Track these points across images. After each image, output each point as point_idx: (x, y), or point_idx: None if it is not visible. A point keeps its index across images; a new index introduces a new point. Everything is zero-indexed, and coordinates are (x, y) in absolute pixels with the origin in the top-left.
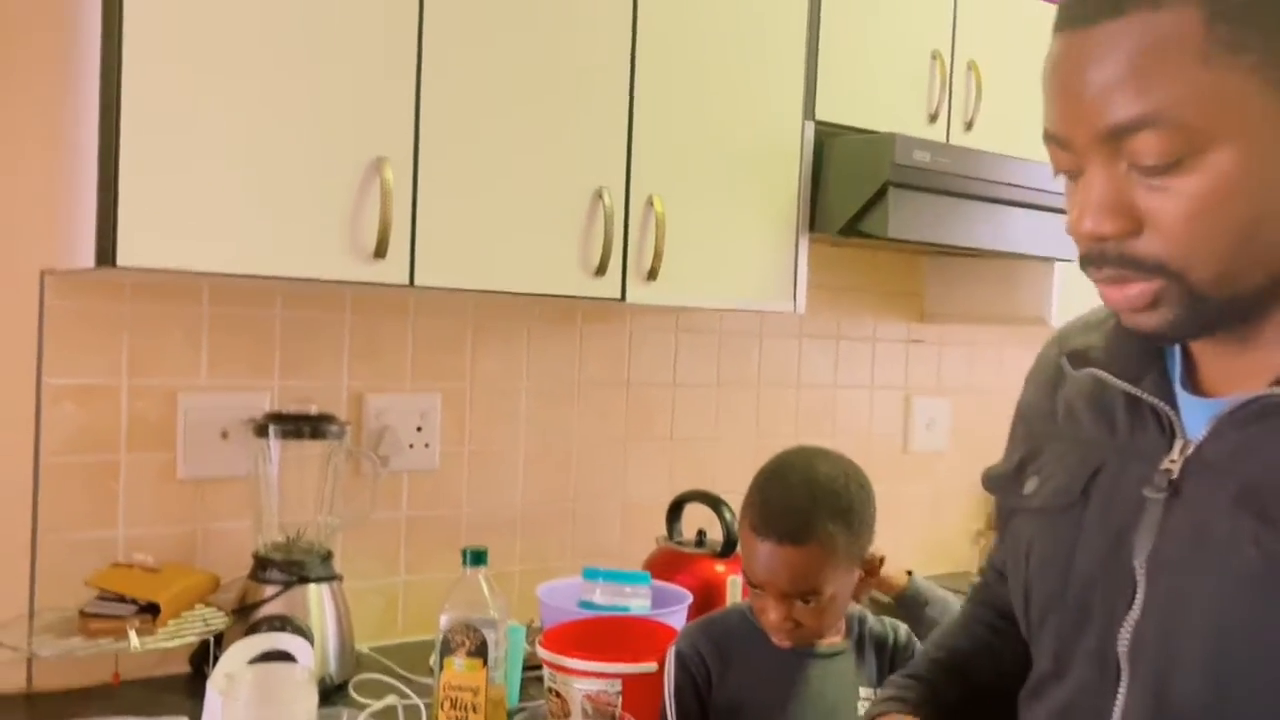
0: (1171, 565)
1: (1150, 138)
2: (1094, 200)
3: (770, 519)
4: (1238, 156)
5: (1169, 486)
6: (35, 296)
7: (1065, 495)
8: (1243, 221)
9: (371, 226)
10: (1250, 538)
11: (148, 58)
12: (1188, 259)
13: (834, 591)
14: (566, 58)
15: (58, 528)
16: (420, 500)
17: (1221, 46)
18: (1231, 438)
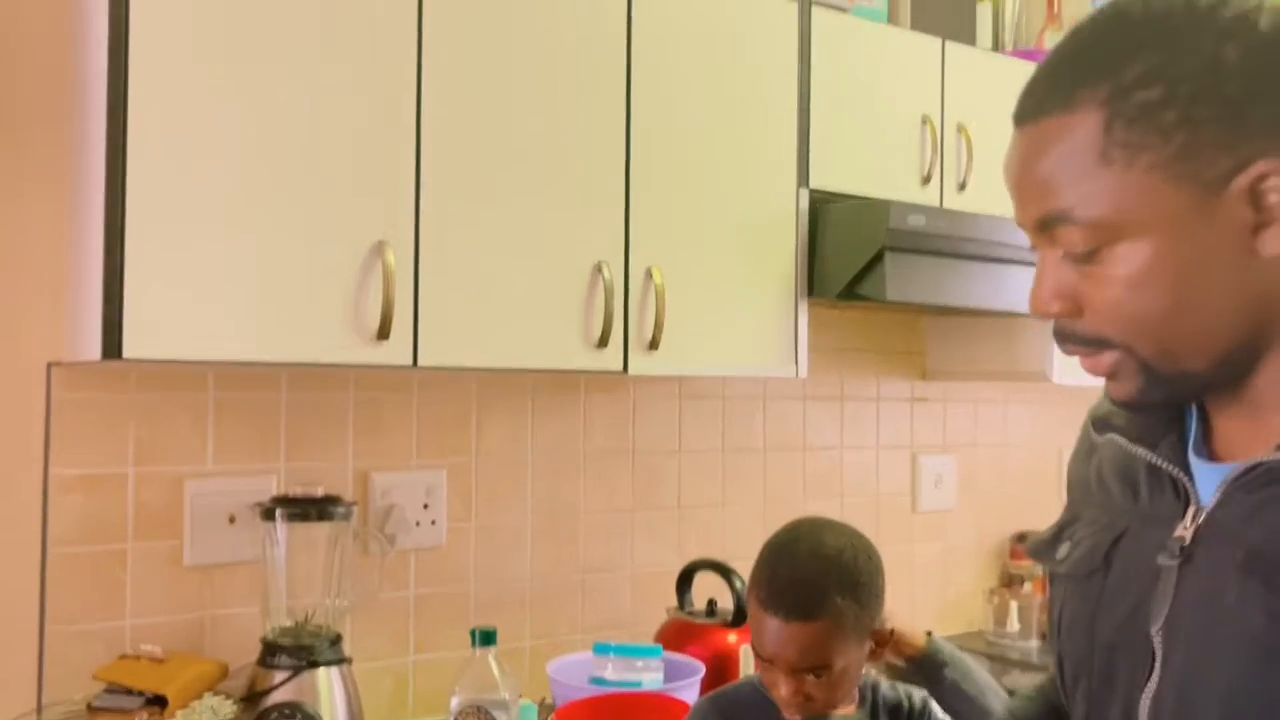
0: (1186, 633)
1: (1069, 230)
2: (1039, 283)
3: (778, 594)
4: (1151, 248)
5: (1181, 553)
6: (42, 389)
7: (1089, 562)
8: (1164, 307)
9: (374, 309)
10: (1258, 604)
11: (152, 150)
12: (1124, 337)
13: (845, 665)
14: (563, 136)
15: (65, 619)
16: (428, 578)
17: (1119, 149)
18: (1241, 503)
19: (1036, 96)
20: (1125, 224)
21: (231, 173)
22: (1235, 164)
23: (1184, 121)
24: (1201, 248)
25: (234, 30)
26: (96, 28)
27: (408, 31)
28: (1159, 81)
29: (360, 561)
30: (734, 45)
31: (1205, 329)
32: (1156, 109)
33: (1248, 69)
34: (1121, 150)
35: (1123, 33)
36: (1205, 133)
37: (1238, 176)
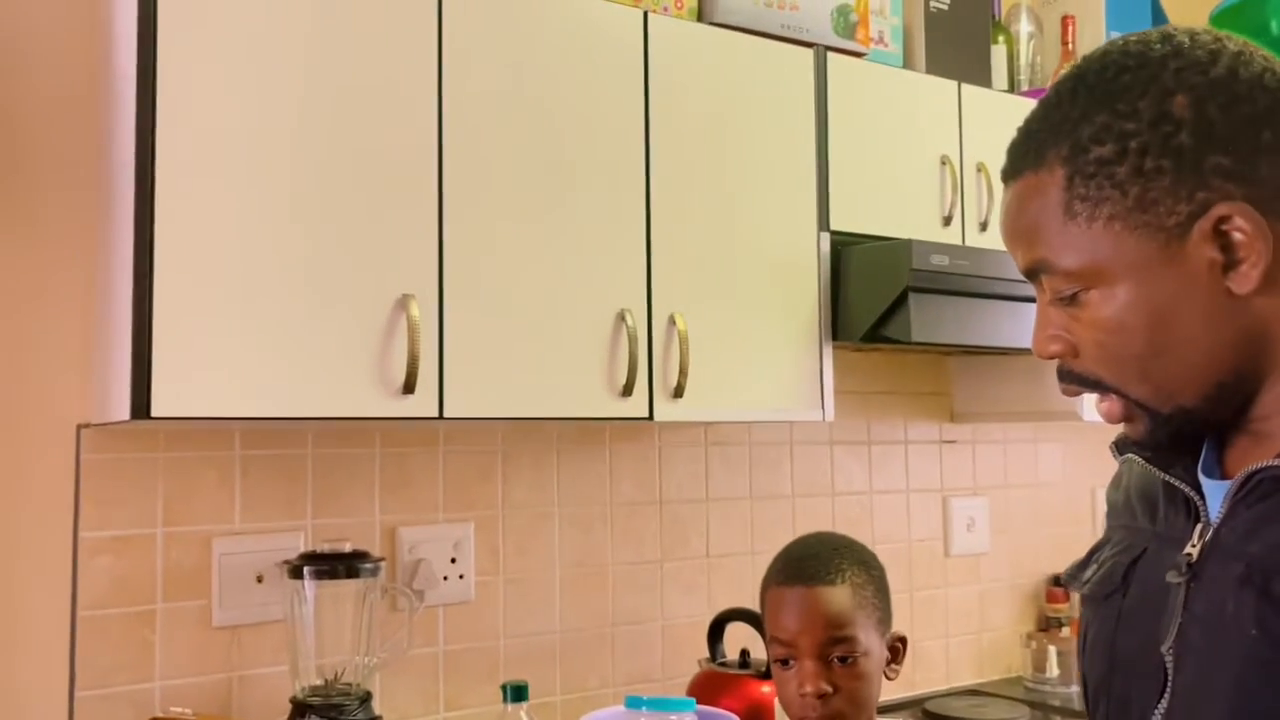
0: (1193, 650)
1: (1051, 278)
2: (1036, 325)
3: (795, 565)
4: (1123, 294)
5: (1189, 570)
6: (72, 451)
7: (1108, 583)
8: (1143, 348)
9: (399, 363)
10: (1253, 617)
11: (178, 211)
12: (1115, 378)
13: (866, 652)
14: (584, 187)
15: (94, 683)
16: (457, 633)
17: (1080, 202)
18: (1242, 518)
19: (1014, 157)
20: (1096, 272)
21: (257, 232)
22: (1194, 210)
23: (1137, 174)
24: (1171, 291)
25: (258, 94)
26: (124, 93)
27: (428, 87)
28: (1110, 138)
29: (389, 618)
30: (752, 92)
31: (1190, 366)
32: (1110, 164)
33: (1197, 118)
34: (1083, 204)
35: (1080, 94)
36: (1159, 183)
37: (1199, 221)
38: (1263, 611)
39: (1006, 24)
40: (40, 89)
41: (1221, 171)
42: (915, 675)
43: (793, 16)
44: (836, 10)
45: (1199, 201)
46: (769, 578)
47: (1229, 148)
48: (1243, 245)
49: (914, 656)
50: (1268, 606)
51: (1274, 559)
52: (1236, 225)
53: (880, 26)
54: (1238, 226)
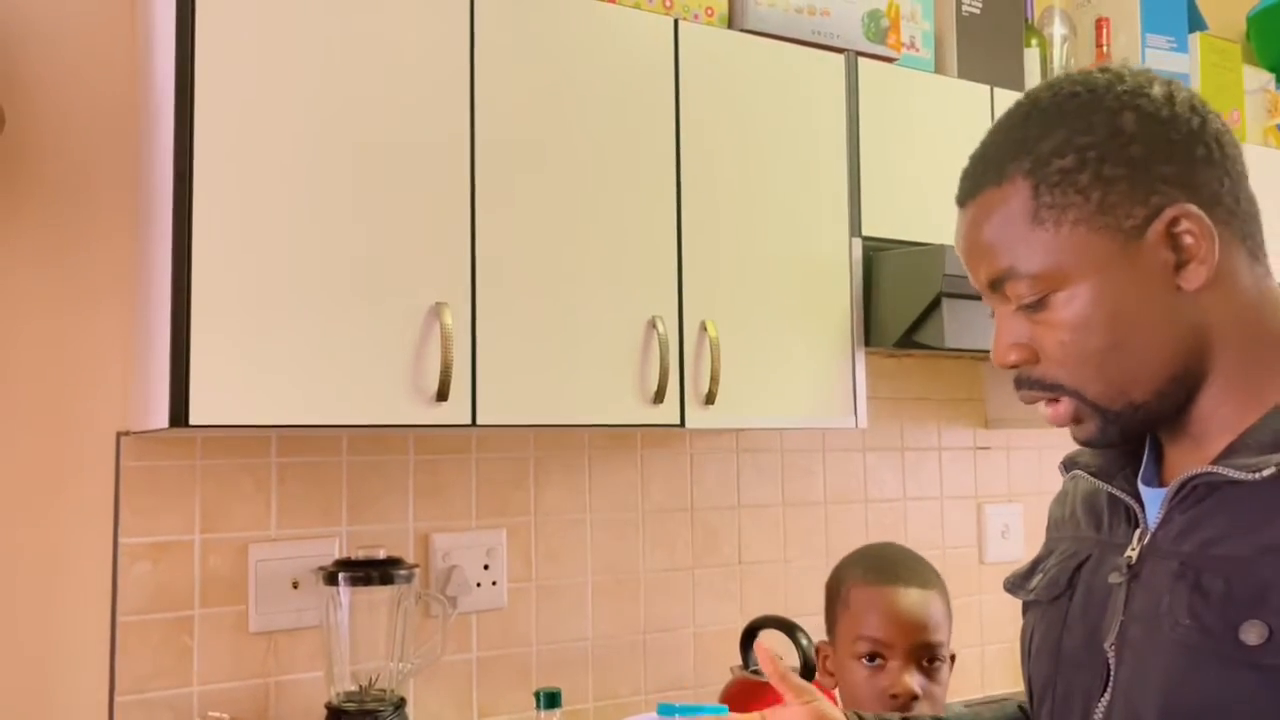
0: (1132, 645)
1: (1014, 285)
2: (997, 336)
3: (893, 568)
4: (1088, 291)
5: (1129, 571)
6: (112, 458)
7: (1055, 587)
8: (1105, 342)
9: (433, 370)
10: (1185, 609)
11: (216, 221)
12: (1075, 378)
13: (948, 659)
14: (614, 193)
15: (134, 688)
16: (490, 640)
17: (1047, 209)
18: (1177, 520)
19: (973, 178)
20: (1062, 273)
21: (292, 241)
22: (1149, 213)
23: (1097, 180)
24: (1131, 288)
25: (293, 105)
26: (163, 103)
27: (460, 97)
28: (1070, 150)
29: (422, 624)
30: (783, 98)
31: (1144, 361)
32: (1073, 173)
33: (1145, 131)
34: (1050, 211)
35: (1036, 116)
36: (1117, 189)
37: (1154, 223)
38: (1194, 602)
39: (1039, 27)
40: (79, 99)
41: (1168, 179)
42: (951, 683)
43: (823, 22)
44: (867, 16)
45: (1153, 205)
46: (854, 576)
47: (1172, 158)
48: (1192, 246)
49: None
50: (1199, 598)
51: (1204, 555)
52: (1186, 227)
53: (911, 31)
54: (1187, 228)
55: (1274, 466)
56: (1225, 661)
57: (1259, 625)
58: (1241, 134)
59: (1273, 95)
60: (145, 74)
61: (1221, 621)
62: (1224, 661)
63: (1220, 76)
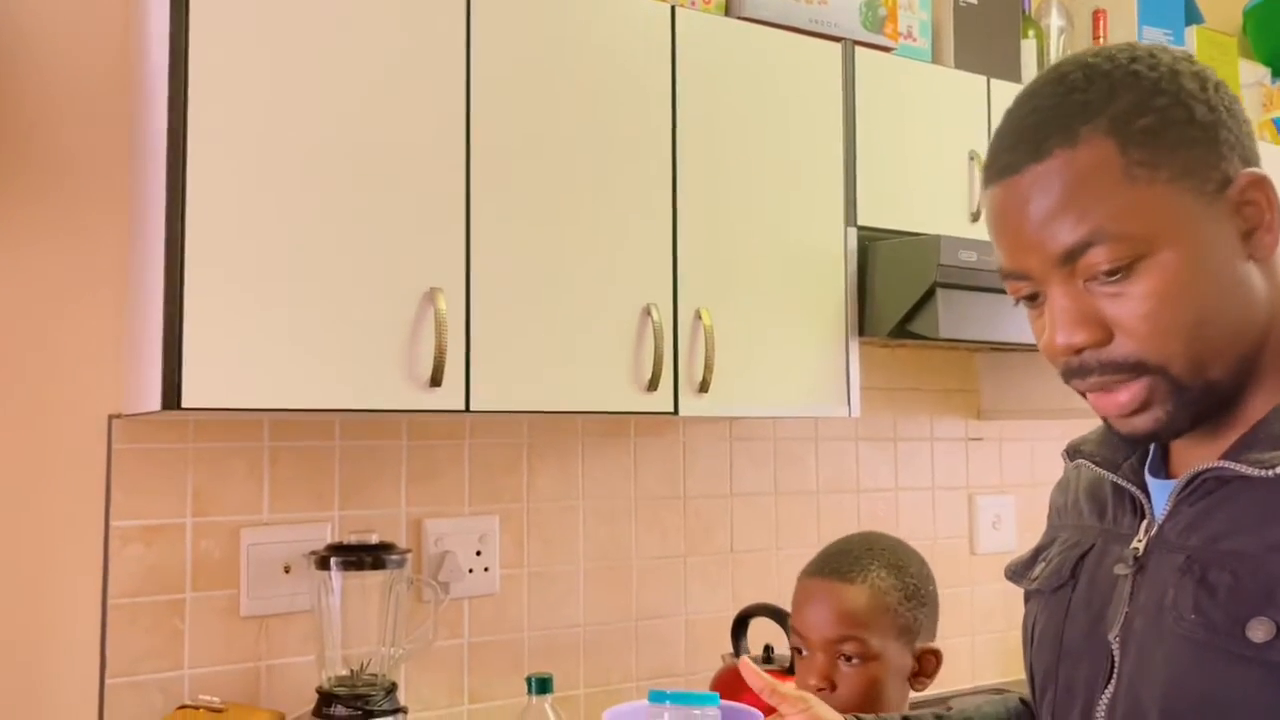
0: (1137, 638)
1: (1099, 251)
2: (1061, 317)
3: (823, 560)
4: (1177, 256)
5: (1135, 563)
6: (103, 441)
7: (1058, 576)
8: (1194, 312)
9: (427, 356)
10: (1190, 604)
11: (209, 203)
12: (1160, 353)
13: (880, 656)
14: (609, 180)
15: (125, 671)
16: (482, 626)
17: (1139, 167)
18: (1184, 514)
19: (1019, 149)
20: (1156, 235)
21: (286, 224)
22: (1222, 177)
23: (1181, 141)
24: (1213, 254)
25: (288, 87)
26: (156, 87)
27: (456, 83)
28: (1149, 111)
29: (414, 609)
30: (779, 86)
31: (1227, 334)
32: (1158, 131)
33: (1206, 98)
34: (1142, 168)
35: (1096, 80)
36: (1196, 151)
37: (1228, 189)
38: (1200, 597)
39: (1036, 18)
40: (72, 83)
41: (1230, 145)
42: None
43: (821, 11)
44: (865, 5)
45: (1223, 171)
46: (803, 569)
47: (1231, 125)
48: (1258, 213)
49: None
50: (1204, 592)
51: (1212, 550)
52: (1259, 193)
53: (909, 21)
54: (1259, 195)
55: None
56: (1230, 658)
57: (1266, 622)
58: None
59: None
60: (138, 55)
61: (1227, 617)
62: (1229, 658)
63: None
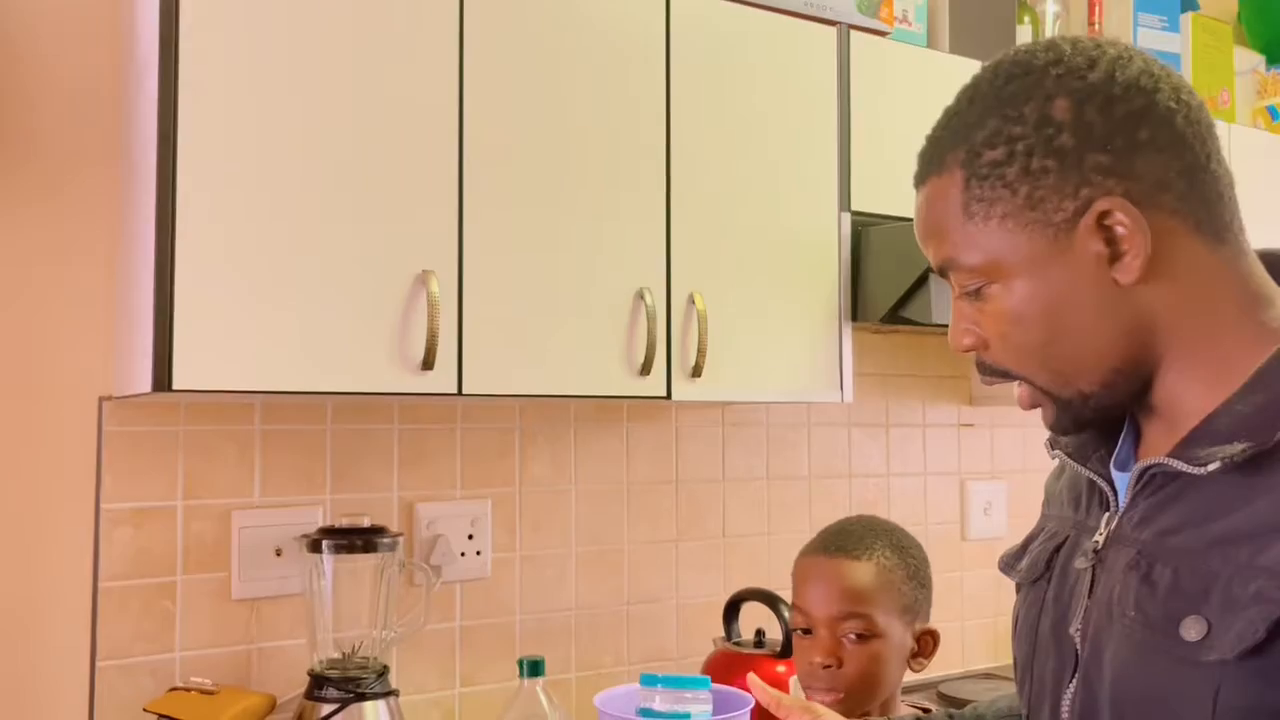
0: (1094, 632)
1: (957, 274)
2: (952, 322)
3: (825, 538)
4: (1022, 286)
5: (1094, 556)
6: (94, 423)
7: (1035, 569)
8: (1042, 334)
9: (419, 339)
10: (1132, 600)
11: (200, 185)
12: (1019, 367)
13: (884, 634)
14: (603, 163)
15: (116, 654)
16: (474, 609)
17: (977, 203)
18: (1140, 506)
19: (921, 163)
20: (994, 267)
21: (278, 206)
22: (1079, 205)
23: (1025, 174)
24: (1063, 283)
25: (278, 68)
26: (147, 64)
27: (448, 64)
28: (1000, 142)
29: (407, 593)
30: (774, 71)
31: (1085, 353)
32: (1001, 166)
33: (1076, 120)
34: (979, 204)
35: (975, 102)
36: (1045, 181)
37: (1084, 216)
38: (1141, 594)
39: (1032, 3)
40: (62, 65)
41: (1101, 169)
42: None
43: None
44: None
45: (1083, 198)
46: (803, 549)
47: (1107, 146)
48: (1124, 238)
49: None
50: (1146, 589)
51: (1160, 546)
52: (1117, 219)
53: (904, 5)
54: (1118, 220)
55: (1219, 461)
56: (1166, 656)
57: (1199, 621)
58: (1231, 115)
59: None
60: (129, 31)
61: (1164, 616)
62: (1165, 656)
63: (1211, 57)
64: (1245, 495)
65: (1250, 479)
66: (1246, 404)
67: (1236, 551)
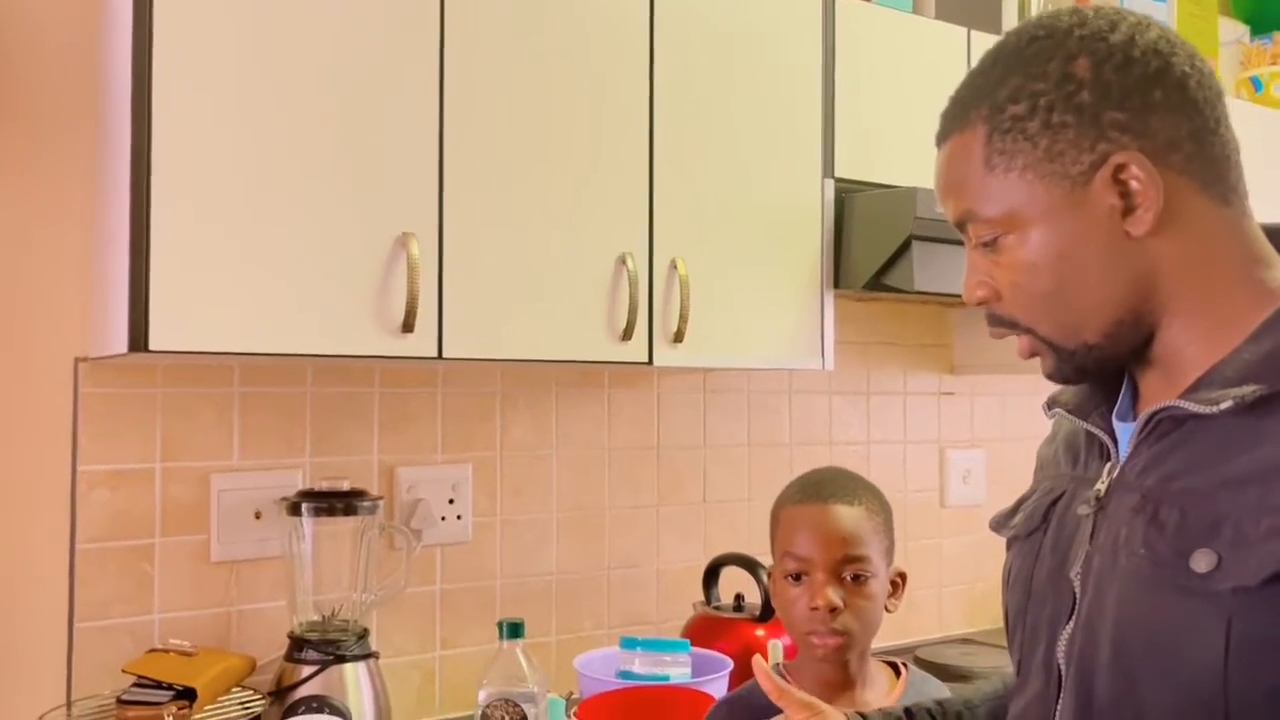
0: (1096, 575)
1: (975, 226)
2: (966, 274)
3: (816, 487)
4: (1037, 235)
5: (1097, 504)
6: (70, 385)
7: (1031, 522)
8: (1053, 284)
9: (399, 301)
10: (1140, 539)
11: (176, 147)
12: (1027, 317)
13: (877, 574)
14: (585, 127)
15: (94, 615)
16: (454, 573)
17: (998, 155)
18: (1144, 454)
19: (945, 121)
20: (1013, 218)
21: (256, 166)
22: (1095, 159)
23: (1045, 128)
24: (1078, 233)
25: (258, 25)
26: (121, 21)
27: (430, 23)
28: (1023, 98)
29: (387, 557)
30: (757, 36)
31: (1092, 303)
32: (1023, 120)
33: (1095, 79)
34: (1000, 157)
35: (999, 62)
36: (1065, 135)
37: (1100, 170)
38: (1150, 534)
39: None
40: (37, 25)
41: (1118, 125)
42: (909, 623)
43: None
44: None
45: (1099, 152)
46: (784, 499)
47: (1124, 104)
48: (1138, 192)
49: (908, 605)
50: (1154, 529)
51: (1165, 489)
52: (1132, 173)
53: None
54: (1134, 175)
55: (1231, 400)
56: (1175, 589)
57: (1209, 554)
58: None
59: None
60: None
61: (1173, 551)
62: (1174, 589)
63: (1196, 27)
64: (1252, 438)
65: (1257, 422)
66: (1253, 352)
67: (1244, 492)
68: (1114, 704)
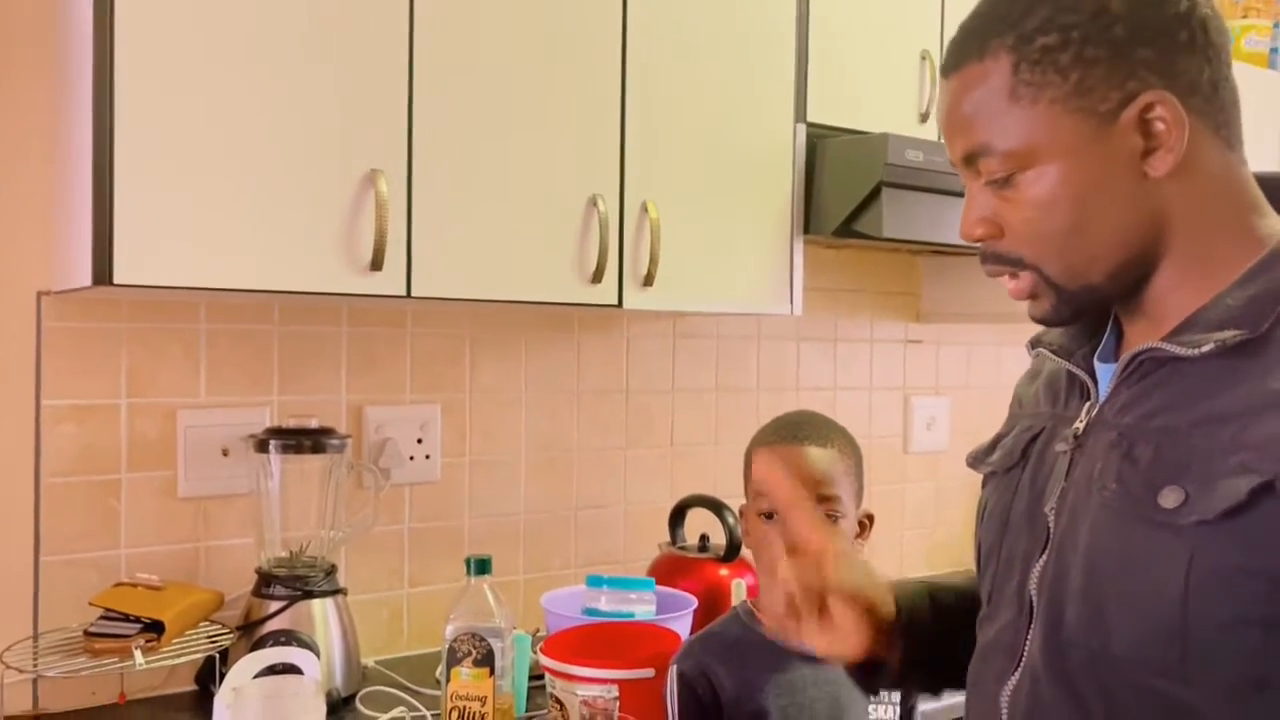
0: (1070, 509)
1: (988, 161)
2: (965, 210)
3: (786, 428)
4: (1056, 172)
5: (1074, 441)
6: (33, 319)
7: (1009, 458)
8: (1068, 222)
9: (367, 239)
10: (1114, 475)
11: (141, 78)
12: (1036, 255)
13: (846, 515)
14: (558, 67)
15: (60, 549)
16: (422, 512)
17: (1025, 86)
18: (1123, 394)
19: (957, 50)
20: (1034, 152)
21: (222, 97)
22: (1124, 97)
23: (1077, 61)
24: (1099, 171)
25: None
26: None
27: None
28: (1055, 29)
29: (355, 495)
30: None
31: (1103, 244)
32: (1054, 51)
33: (1130, 14)
34: (1027, 88)
35: None
36: (1096, 71)
37: (1128, 108)
38: (1123, 469)
39: None
40: None
41: (1147, 64)
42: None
43: None
44: None
45: (1128, 90)
46: (758, 439)
47: (1155, 42)
48: (1164, 133)
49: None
50: (1127, 465)
51: (1142, 427)
52: (1160, 114)
53: None
54: (1160, 115)
55: (1213, 344)
56: (1144, 523)
57: (1177, 490)
58: None
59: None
60: None
61: (1144, 486)
62: (1143, 523)
63: None
64: (1230, 379)
65: (1235, 364)
66: (1237, 297)
67: (1219, 430)
68: (1082, 631)
